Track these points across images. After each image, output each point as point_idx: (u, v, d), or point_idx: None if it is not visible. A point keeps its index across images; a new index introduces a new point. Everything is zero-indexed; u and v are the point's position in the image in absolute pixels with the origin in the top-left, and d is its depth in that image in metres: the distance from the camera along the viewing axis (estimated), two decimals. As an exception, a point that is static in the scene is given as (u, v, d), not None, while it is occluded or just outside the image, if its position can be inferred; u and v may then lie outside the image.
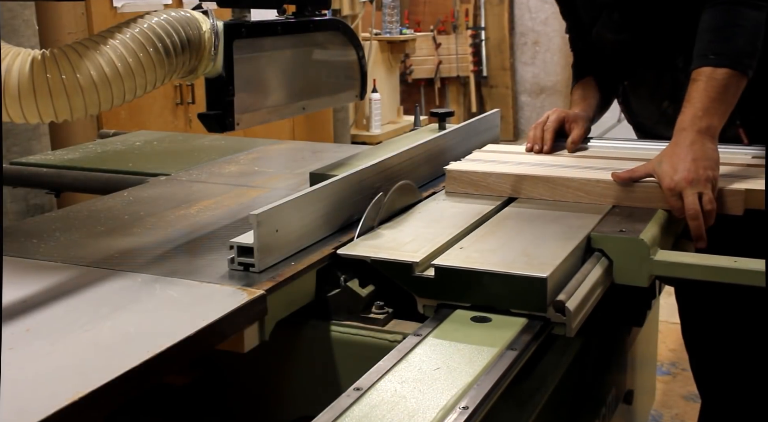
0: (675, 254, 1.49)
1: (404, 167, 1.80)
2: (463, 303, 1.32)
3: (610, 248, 1.48)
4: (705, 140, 1.64)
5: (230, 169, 2.19)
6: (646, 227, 1.52)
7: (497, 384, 1.09)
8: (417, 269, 1.36)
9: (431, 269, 1.35)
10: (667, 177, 1.61)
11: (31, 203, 3.20)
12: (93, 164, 2.30)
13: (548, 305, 1.26)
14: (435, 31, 7.97)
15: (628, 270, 1.47)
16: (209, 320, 1.14)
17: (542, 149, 1.95)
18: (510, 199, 1.75)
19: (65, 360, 1.03)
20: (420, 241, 1.46)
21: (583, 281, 1.36)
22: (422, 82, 8.03)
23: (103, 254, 1.46)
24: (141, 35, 1.34)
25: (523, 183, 1.75)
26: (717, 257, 1.45)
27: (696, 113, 1.67)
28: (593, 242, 1.49)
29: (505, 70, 8.11)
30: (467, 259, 1.37)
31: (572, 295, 1.29)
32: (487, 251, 1.40)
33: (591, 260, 1.45)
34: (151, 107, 4.07)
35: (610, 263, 1.47)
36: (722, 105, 1.68)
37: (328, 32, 1.79)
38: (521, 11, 8.06)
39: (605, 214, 1.62)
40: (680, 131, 1.68)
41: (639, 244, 1.45)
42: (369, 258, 1.40)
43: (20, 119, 1.27)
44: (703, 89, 1.68)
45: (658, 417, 2.97)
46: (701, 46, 1.73)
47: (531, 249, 1.41)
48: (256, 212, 1.33)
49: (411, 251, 1.41)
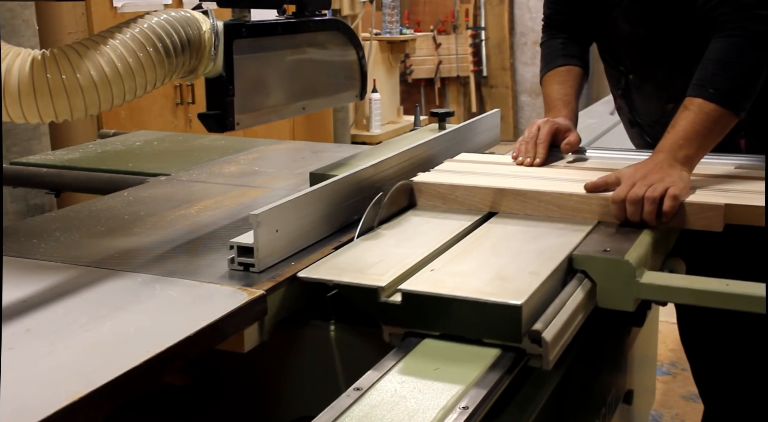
0: (663, 277, 1.39)
1: (404, 167, 1.79)
2: (432, 332, 1.22)
3: (593, 269, 1.37)
4: (681, 167, 1.60)
5: (230, 169, 2.19)
6: (633, 246, 1.41)
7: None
8: (383, 294, 1.25)
9: (398, 295, 1.25)
10: (628, 173, 1.57)
11: (31, 203, 3.20)
12: (93, 164, 2.30)
13: (523, 335, 1.16)
14: (435, 31, 7.97)
15: (613, 293, 1.36)
16: (209, 320, 1.14)
17: (533, 163, 1.85)
18: (490, 214, 1.64)
19: (65, 360, 1.03)
20: (389, 262, 1.36)
21: (563, 307, 1.25)
22: (422, 82, 8.03)
23: (103, 254, 1.46)
24: (141, 35, 1.34)
25: (493, 196, 1.63)
26: (707, 281, 1.35)
27: (677, 141, 1.62)
28: (575, 263, 1.38)
29: (505, 70, 8.11)
30: (437, 283, 1.25)
31: (550, 323, 1.19)
32: (459, 274, 1.29)
33: (572, 283, 1.34)
34: (151, 107, 4.07)
35: (594, 285, 1.37)
36: (706, 140, 1.64)
37: (328, 32, 1.79)
38: (521, 11, 8.06)
39: (589, 231, 1.50)
40: (657, 153, 1.63)
41: (624, 265, 1.35)
42: (331, 282, 1.30)
43: (20, 119, 1.27)
44: (691, 120, 1.63)
45: (658, 417, 2.97)
46: (703, 75, 1.67)
47: (507, 272, 1.30)
48: (256, 212, 1.33)
49: (377, 274, 1.30)
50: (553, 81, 2.04)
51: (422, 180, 1.70)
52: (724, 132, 1.66)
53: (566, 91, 2.01)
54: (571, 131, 1.92)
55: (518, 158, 1.88)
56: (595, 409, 1.60)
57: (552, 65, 2.06)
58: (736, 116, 1.65)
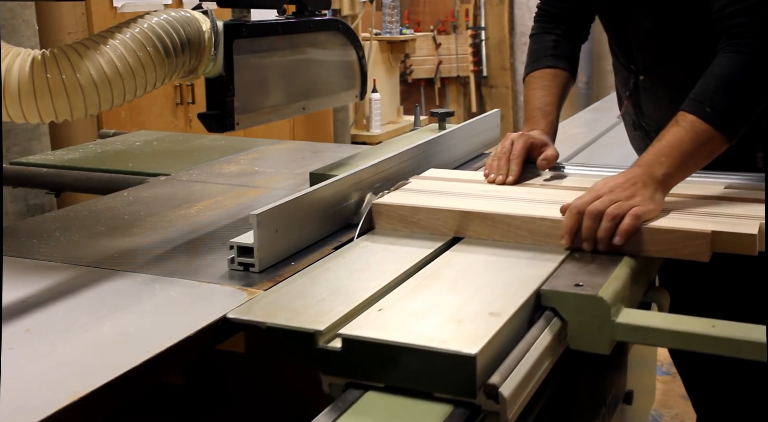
0: (642, 316, 1.24)
1: (404, 167, 1.79)
2: (376, 383, 1.07)
3: (564, 307, 1.22)
4: (656, 187, 1.45)
5: (230, 169, 2.19)
6: (608, 279, 1.26)
7: None
8: (321, 339, 1.10)
9: (339, 340, 1.09)
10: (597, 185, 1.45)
11: (31, 203, 3.20)
12: (93, 164, 2.30)
13: (478, 389, 1.01)
14: (435, 31, 7.97)
15: (585, 334, 1.22)
16: (209, 320, 1.14)
17: (506, 180, 1.70)
18: (456, 239, 1.48)
19: (65, 360, 1.03)
20: (334, 298, 1.21)
21: (527, 353, 1.11)
22: (422, 82, 8.03)
23: (103, 254, 1.46)
24: (141, 35, 1.34)
25: (458, 220, 1.48)
26: (692, 321, 1.20)
27: (659, 157, 1.48)
28: (544, 299, 1.23)
29: (505, 70, 8.11)
30: (383, 327, 1.10)
31: (510, 375, 1.04)
32: (409, 315, 1.14)
33: (540, 323, 1.19)
34: (151, 107, 4.07)
35: (564, 324, 1.22)
36: (691, 161, 1.50)
37: (328, 32, 1.79)
38: (521, 11, 8.06)
39: (562, 261, 1.36)
40: (634, 167, 1.49)
41: (598, 303, 1.19)
42: (264, 325, 1.14)
43: (20, 119, 1.27)
44: (680, 137, 1.49)
45: (658, 417, 2.97)
46: (702, 91, 1.53)
47: (464, 312, 1.14)
48: (256, 212, 1.33)
49: (317, 315, 1.14)
50: (537, 85, 1.92)
51: (382, 201, 1.54)
52: (711, 157, 1.53)
53: (548, 99, 1.89)
54: (548, 146, 1.80)
55: (490, 175, 1.74)
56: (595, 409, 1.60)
57: (539, 65, 1.95)
58: (728, 142, 1.51)
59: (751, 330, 1.15)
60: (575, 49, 2.01)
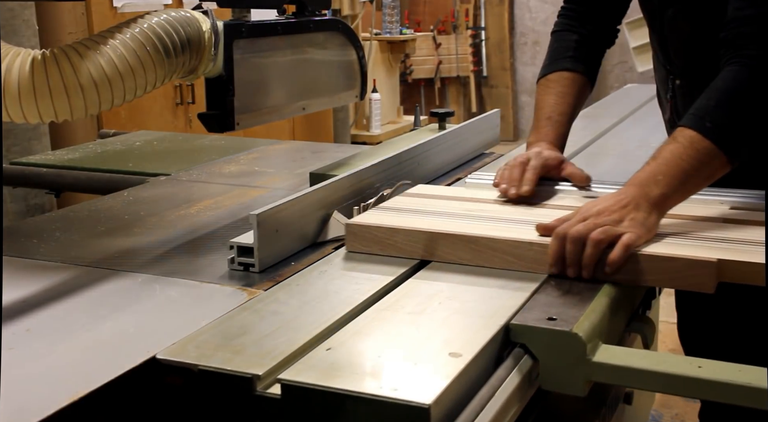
0: (622, 354, 1.10)
1: (404, 167, 1.79)
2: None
3: (535, 343, 1.09)
4: (651, 209, 1.34)
5: (230, 169, 2.19)
6: (585, 312, 1.14)
7: None
8: (259, 384, 0.98)
9: (279, 386, 0.97)
10: (584, 207, 1.34)
11: (31, 203, 3.20)
12: (93, 164, 2.30)
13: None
14: (435, 31, 7.97)
15: (559, 374, 1.09)
16: (209, 320, 1.14)
17: (519, 191, 1.56)
18: (423, 263, 1.35)
19: (65, 360, 1.03)
20: (280, 335, 1.08)
21: (491, 398, 0.98)
22: (422, 82, 8.03)
23: (103, 254, 1.46)
24: (141, 35, 1.34)
25: (439, 243, 1.34)
26: (677, 361, 1.09)
27: (655, 176, 1.36)
28: (513, 335, 1.11)
29: (505, 70, 8.11)
30: (329, 370, 0.97)
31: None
32: (361, 356, 1.03)
33: (507, 363, 1.07)
34: (151, 107, 4.07)
35: (536, 363, 1.10)
36: (690, 182, 1.38)
37: (328, 32, 1.79)
38: (521, 11, 8.06)
39: (536, 289, 1.23)
40: (628, 186, 1.37)
41: (572, 339, 1.07)
42: (196, 367, 1.01)
43: (20, 119, 1.27)
44: (678, 154, 1.37)
45: (658, 417, 2.97)
46: (703, 104, 1.41)
47: (422, 352, 1.02)
48: (256, 212, 1.33)
49: (258, 355, 1.02)
50: (552, 91, 1.78)
51: (356, 222, 1.42)
52: (712, 179, 1.40)
53: (562, 108, 1.76)
54: (566, 163, 1.69)
55: (501, 185, 1.60)
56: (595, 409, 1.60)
57: (557, 66, 1.81)
58: (729, 162, 1.38)
59: (740, 372, 1.03)
60: (599, 52, 1.88)
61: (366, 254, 1.39)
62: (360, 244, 1.40)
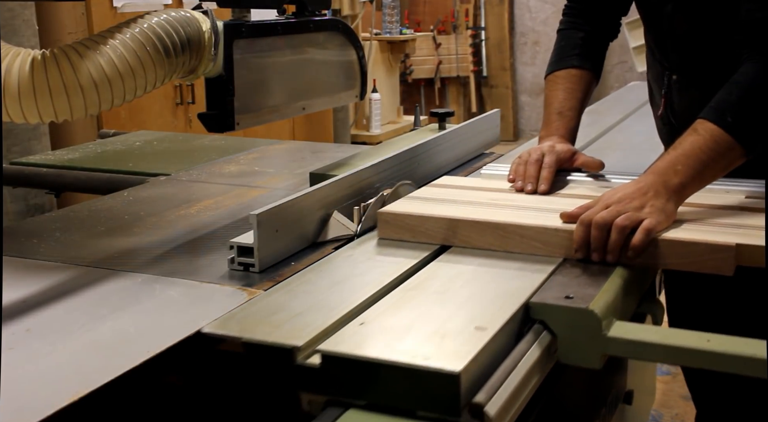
0: (635, 329, 1.19)
1: (404, 167, 1.79)
2: (356, 401, 1.02)
3: (553, 320, 1.17)
4: (669, 196, 1.40)
5: (230, 169, 2.19)
6: (600, 291, 1.22)
7: None
8: (299, 355, 1.05)
9: (318, 356, 1.05)
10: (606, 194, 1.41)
11: (31, 203, 3.20)
12: (93, 164, 2.30)
13: (463, 407, 0.97)
14: (435, 31, 7.97)
15: (576, 348, 1.17)
16: (209, 320, 1.14)
17: (537, 189, 1.63)
18: (444, 248, 1.44)
19: (65, 360, 1.03)
20: (314, 311, 1.16)
21: (514, 369, 1.06)
22: (422, 82, 8.04)
23: (103, 254, 1.46)
24: (141, 35, 1.34)
25: (468, 230, 1.42)
26: (686, 335, 1.16)
27: (675, 165, 1.42)
28: (532, 312, 1.19)
29: (505, 70, 8.11)
30: (364, 342, 1.06)
31: (496, 392, 1.00)
32: (392, 330, 1.10)
33: (528, 338, 1.14)
34: (151, 107, 4.07)
35: (554, 338, 1.17)
36: (708, 172, 1.44)
37: (328, 32, 1.79)
38: (521, 11, 8.06)
39: (552, 271, 1.31)
40: (647, 175, 1.44)
41: (588, 316, 1.15)
42: (239, 340, 1.09)
43: (20, 119, 1.27)
44: (698, 145, 1.43)
45: (658, 417, 2.97)
46: (724, 99, 1.47)
47: (449, 326, 1.10)
48: (256, 212, 1.33)
49: (296, 329, 1.10)
50: (561, 86, 1.85)
51: (388, 210, 1.49)
52: (728, 169, 1.47)
53: (571, 103, 1.83)
54: (578, 154, 1.76)
55: (517, 181, 1.66)
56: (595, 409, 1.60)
57: (565, 64, 1.88)
58: (746, 155, 1.45)
59: (747, 345, 1.10)
60: (603, 46, 1.95)
61: (388, 240, 1.47)
62: (392, 231, 1.47)
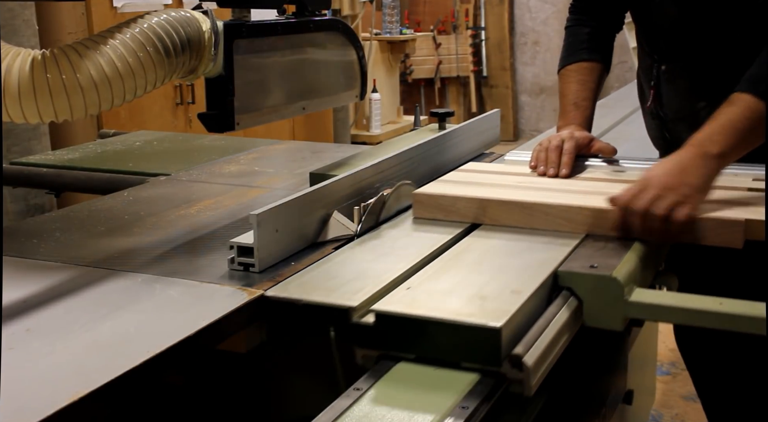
0: (653, 295, 1.31)
1: (404, 167, 1.80)
2: (407, 355, 1.14)
3: (580, 286, 1.30)
4: (709, 165, 1.48)
5: (230, 169, 2.19)
6: (621, 261, 1.34)
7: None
8: (355, 314, 1.18)
9: (371, 315, 1.18)
10: (649, 173, 1.48)
11: (31, 203, 3.20)
12: (93, 164, 2.30)
13: (503, 359, 1.09)
14: (435, 31, 7.97)
15: (600, 312, 1.29)
16: (209, 320, 1.14)
17: (558, 173, 1.73)
18: (475, 225, 1.56)
19: (65, 360, 1.03)
20: (364, 278, 1.29)
21: (547, 327, 1.18)
22: (422, 82, 8.04)
23: (103, 254, 1.46)
24: (141, 35, 1.34)
25: (497, 209, 1.55)
26: (700, 299, 1.28)
27: (713, 135, 1.50)
28: (560, 280, 1.31)
29: (505, 70, 8.11)
30: (413, 303, 1.18)
31: (532, 346, 1.12)
32: (436, 293, 1.22)
33: (557, 302, 1.27)
34: (151, 107, 4.07)
35: (580, 303, 1.29)
36: (746, 141, 1.52)
37: (328, 32, 1.79)
38: (521, 11, 8.06)
39: (576, 245, 1.43)
40: (688, 147, 1.51)
41: (611, 283, 1.27)
42: (300, 301, 1.22)
43: (20, 119, 1.27)
44: (735, 115, 1.51)
45: (658, 417, 2.97)
46: (758, 72, 1.55)
47: (487, 290, 1.22)
48: (256, 212, 1.33)
49: (350, 293, 1.23)
50: (573, 79, 1.94)
51: (422, 191, 1.62)
52: (762, 139, 1.53)
53: (585, 94, 1.92)
54: (595, 140, 1.86)
55: (539, 167, 1.76)
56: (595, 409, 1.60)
57: (575, 58, 1.97)
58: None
59: (754, 307, 1.22)
60: (610, 39, 2.02)
61: (422, 220, 1.60)
62: (425, 211, 1.60)
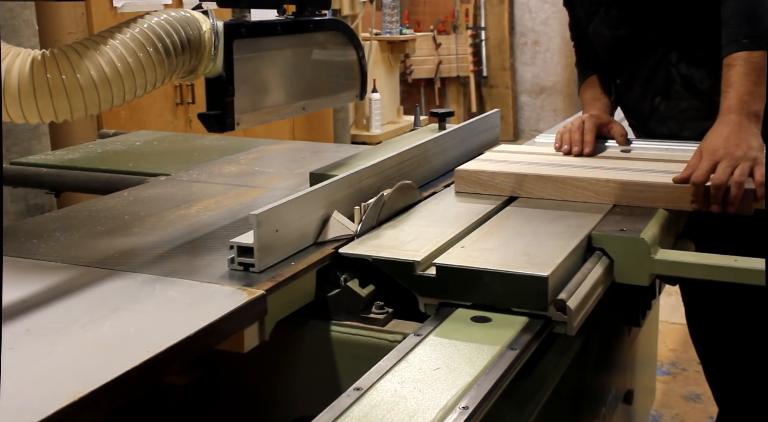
0: (675, 254, 1.50)
1: (404, 167, 1.80)
2: (464, 302, 1.33)
3: (611, 247, 1.48)
4: (752, 123, 1.66)
5: (230, 169, 2.19)
6: (647, 226, 1.52)
7: (497, 384, 1.09)
8: (418, 268, 1.36)
9: (432, 268, 1.36)
10: (711, 146, 1.63)
11: (31, 203, 3.20)
12: (93, 164, 2.30)
13: (549, 304, 1.27)
14: (435, 31, 7.97)
15: (629, 269, 1.47)
16: (209, 320, 1.14)
17: (582, 151, 1.93)
18: (512, 198, 1.75)
19: (65, 360, 1.03)
20: (421, 240, 1.47)
21: (584, 280, 1.37)
22: (422, 82, 8.03)
23: (103, 254, 1.46)
24: (141, 35, 1.34)
25: (532, 183, 1.75)
26: (717, 257, 1.45)
27: (742, 98, 1.67)
28: (594, 242, 1.49)
29: (505, 70, 8.11)
30: (468, 258, 1.37)
31: (573, 294, 1.30)
32: (487, 251, 1.41)
33: (592, 260, 1.46)
34: (151, 107, 4.07)
35: (611, 262, 1.48)
36: (762, 88, 1.68)
37: (328, 32, 1.79)
38: (521, 11, 8.06)
39: (606, 213, 1.62)
40: (727, 114, 1.68)
41: (639, 243, 1.46)
42: (371, 257, 1.40)
43: (20, 119, 1.27)
44: (743, 74, 1.68)
45: (658, 417, 2.97)
46: (731, 32, 1.73)
47: (531, 248, 1.41)
48: (256, 212, 1.33)
49: (412, 251, 1.41)
50: (590, 87, 2.16)
51: (464, 168, 1.82)
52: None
53: (595, 92, 2.13)
54: (614, 122, 2.02)
55: (563, 146, 1.95)
56: (595, 409, 1.60)
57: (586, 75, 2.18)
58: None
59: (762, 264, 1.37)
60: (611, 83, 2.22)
61: (464, 194, 1.79)
62: (467, 185, 1.81)
